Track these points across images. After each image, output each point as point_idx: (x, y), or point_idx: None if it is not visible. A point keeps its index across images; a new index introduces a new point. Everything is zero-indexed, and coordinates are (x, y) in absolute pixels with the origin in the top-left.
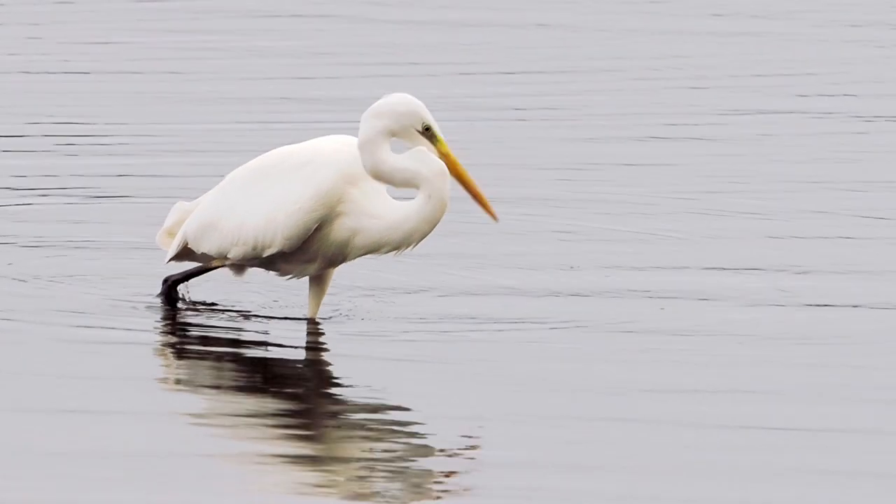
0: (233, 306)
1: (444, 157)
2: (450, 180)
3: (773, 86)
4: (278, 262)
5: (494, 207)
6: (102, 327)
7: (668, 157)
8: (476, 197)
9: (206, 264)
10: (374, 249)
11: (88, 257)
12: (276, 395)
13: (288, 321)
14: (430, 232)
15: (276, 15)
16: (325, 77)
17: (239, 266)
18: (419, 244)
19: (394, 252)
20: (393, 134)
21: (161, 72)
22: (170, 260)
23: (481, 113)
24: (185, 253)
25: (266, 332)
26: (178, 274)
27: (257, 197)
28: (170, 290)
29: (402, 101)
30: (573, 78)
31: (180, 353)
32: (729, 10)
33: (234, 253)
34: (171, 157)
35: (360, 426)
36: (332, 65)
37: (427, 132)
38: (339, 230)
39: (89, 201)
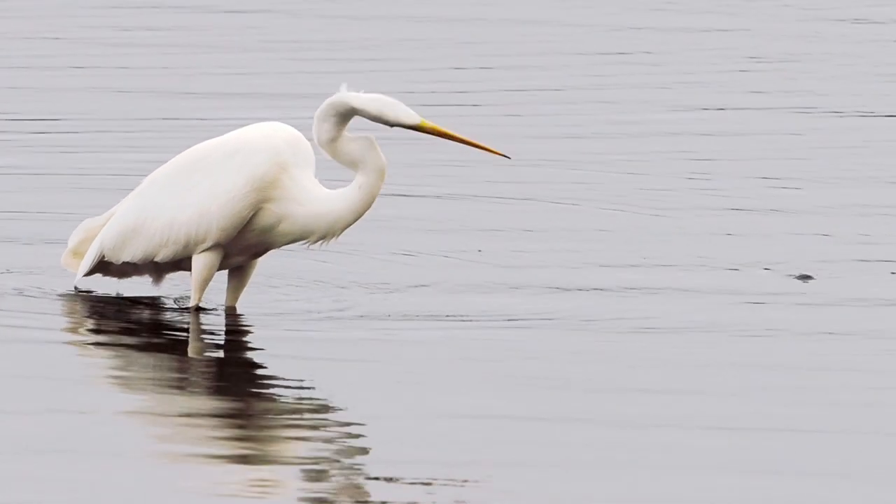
0: (155, 300)
1: (421, 128)
2: (384, 180)
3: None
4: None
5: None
6: (17, 326)
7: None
8: (476, 146)
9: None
10: (300, 237)
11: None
12: (203, 392)
13: (209, 314)
14: (353, 222)
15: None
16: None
17: (159, 272)
18: (342, 234)
19: (320, 242)
20: (354, 116)
21: (103, 66)
22: (83, 276)
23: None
24: (100, 267)
25: (188, 326)
26: (193, 303)
27: (187, 192)
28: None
29: (374, 101)
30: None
31: (106, 350)
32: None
33: (163, 254)
34: (95, 149)
35: (294, 426)
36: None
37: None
38: (266, 216)
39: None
